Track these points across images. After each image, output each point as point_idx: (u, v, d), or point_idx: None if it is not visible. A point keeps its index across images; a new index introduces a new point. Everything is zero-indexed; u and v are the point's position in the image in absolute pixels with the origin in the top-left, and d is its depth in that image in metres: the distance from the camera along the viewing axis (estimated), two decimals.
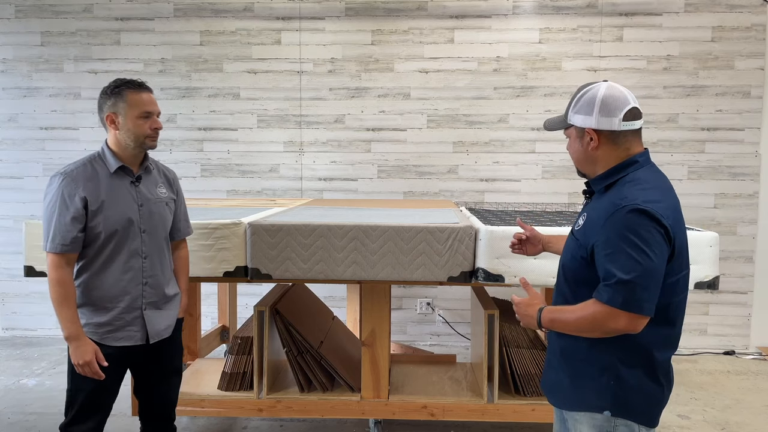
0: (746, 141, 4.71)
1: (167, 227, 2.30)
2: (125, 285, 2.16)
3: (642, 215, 1.50)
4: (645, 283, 1.49)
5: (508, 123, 4.80)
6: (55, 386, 2.43)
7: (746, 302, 4.80)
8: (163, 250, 2.28)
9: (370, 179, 4.90)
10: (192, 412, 2.99)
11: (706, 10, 4.65)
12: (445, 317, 4.90)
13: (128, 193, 2.17)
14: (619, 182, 1.61)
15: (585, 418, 1.65)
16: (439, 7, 4.76)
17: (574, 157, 1.72)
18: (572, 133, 1.69)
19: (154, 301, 2.24)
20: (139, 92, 2.14)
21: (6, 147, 5.01)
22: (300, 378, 2.96)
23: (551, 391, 1.78)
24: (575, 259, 1.64)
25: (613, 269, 1.50)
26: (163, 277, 2.27)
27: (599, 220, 1.57)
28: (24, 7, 4.91)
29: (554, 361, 1.75)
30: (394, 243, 2.63)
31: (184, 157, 4.95)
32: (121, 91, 2.12)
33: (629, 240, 1.49)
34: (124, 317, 2.17)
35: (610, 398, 1.61)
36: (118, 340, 2.17)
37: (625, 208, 1.51)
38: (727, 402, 3.74)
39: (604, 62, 4.72)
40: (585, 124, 1.64)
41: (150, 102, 2.16)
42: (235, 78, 4.89)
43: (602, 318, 1.52)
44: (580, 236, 1.64)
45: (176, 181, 2.41)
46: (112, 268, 2.14)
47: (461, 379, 3.25)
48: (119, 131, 2.14)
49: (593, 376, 1.62)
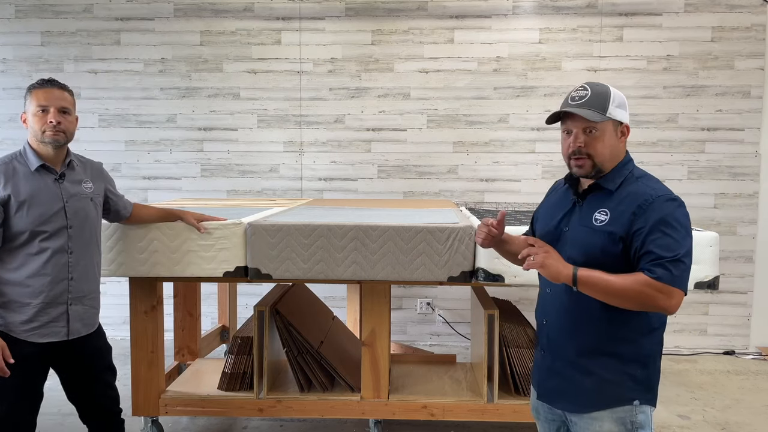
0: (746, 141, 4.71)
1: (93, 222, 2.31)
2: (50, 281, 2.16)
3: (676, 203, 1.62)
4: (688, 262, 1.58)
5: (508, 123, 4.80)
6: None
7: (746, 302, 4.80)
8: (89, 245, 2.29)
9: (370, 179, 4.90)
10: (192, 412, 2.99)
11: (706, 10, 4.65)
12: (445, 317, 4.90)
13: (53, 190, 2.18)
14: (629, 177, 1.70)
15: (607, 414, 1.68)
16: (439, 7, 4.76)
17: (605, 152, 1.68)
18: (608, 128, 1.68)
19: (80, 296, 2.24)
20: (41, 88, 2.16)
21: (6, 147, 5.01)
22: (300, 378, 2.96)
23: (560, 398, 1.77)
24: (607, 253, 1.65)
25: (662, 251, 1.56)
26: (87, 273, 2.28)
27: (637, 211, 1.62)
28: (24, 7, 4.91)
29: (563, 366, 1.75)
30: (394, 243, 2.63)
31: (184, 157, 4.95)
32: (30, 90, 2.17)
33: (672, 225, 1.58)
34: (50, 312, 2.17)
35: (639, 387, 1.68)
36: (43, 337, 2.17)
37: (661, 198, 1.62)
38: (727, 402, 3.74)
39: (604, 62, 4.72)
40: (626, 119, 1.71)
41: (48, 96, 2.15)
42: (235, 78, 4.89)
43: (652, 293, 1.55)
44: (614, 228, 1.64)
45: (103, 171, 2.45)
46: (34, 265, 2.14)
47: (461, 379, 3.25)
48: (28, 129, 2.19)
49: (621, 369, 1.67)
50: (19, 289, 2.13)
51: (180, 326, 3.61)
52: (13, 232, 2.11)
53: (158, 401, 2.94)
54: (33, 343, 2.16)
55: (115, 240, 2.69)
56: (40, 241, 2.14)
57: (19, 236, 2.12)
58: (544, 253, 1.66)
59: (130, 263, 2.70)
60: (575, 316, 1.70)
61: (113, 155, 4.94)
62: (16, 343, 2.12)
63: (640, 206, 1.62)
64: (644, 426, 1.67)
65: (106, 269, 2.66)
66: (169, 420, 3.32)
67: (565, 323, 1.74)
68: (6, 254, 2.13)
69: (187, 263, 2.70)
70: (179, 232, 2.69)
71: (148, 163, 4.95)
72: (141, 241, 2.68)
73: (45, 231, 2.14)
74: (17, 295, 2.13)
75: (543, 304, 1.84)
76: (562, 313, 1.74)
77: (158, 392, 2.94)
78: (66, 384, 2.36)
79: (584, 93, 1.69)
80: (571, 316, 1.71)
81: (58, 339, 2.20)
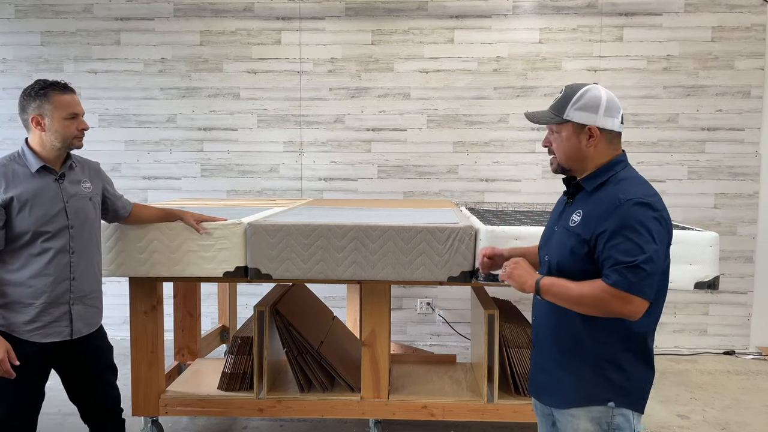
0: (746, 141, 4.70)
1: (93, 222, 2.33)
2: (52, 281, 2.17)
3: (646, 207, 1.59)
4: (650, 268, 1.56)
5: (508, 123, 4.80)
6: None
7: (746, 302, 4.80)
8: (90, 245, 2.30)
9: (370, 179, 4.90)
10: (192, 412, 2.99)
11: (706, 10, 4.65)
12: (445, 317, 4.90)
13: (53, 191, 2.20)
14: (612, 179, 1.70)
15: (583, 412, 1.71)
16: (439, 7, 4.76)
17: (565, 153, 1.75)
18: (567, 129, 1.73)
19: (81, 296, 2.26)
20: (65, 94, 2.19)
21: (6, 147, 5.01)
22: (300, 378, 2.96)
23: (544, 392, 1.84)
24: (575, 254, 1.68)
25: (621, 255, 1.56)
26: (89, 272, 2.29)
27: (603, 214, 1.63)
28: (24, 7, 4.91)
29: (547, 362, 1.81)
30: (394, 243, 2.63)
31: (184, 157, 4.95)
32: (47, 93, 2.17)
33: (636, 230, 1.57)
34: (52, 312, 2.18)
35: (614, 388, 1.68)
36: (46, 337, 2.18)
37: (630, 201, 1.60)
38: (727, 402, 3.74)
39: (604, 62, 4.72)
40: (588, 122, 1.70)
41: (76, 103, 2.21)
42: (235, 78, 4.88)
43: (608, 299, 1.57)
44: (581, 230, 1.67)
45: (100, 171, 2.46)
46: (36, 265, 2.15)
47: (461, 379, 3.25)
48: (45, 132, 2.19)
49: (596, 370, 1.69)
50: (22, 290, 2.14)
51: (180, 326, 3.61)
52: (15, 233, 2.12)
53: (158, 401, 2.94)
54: (35, 343, 2.17)
55: (114, 240, 2.69)
56: (42, 241, 2.15)
57: (22, 237, 2.12)
58: (513, 264, 1.77)
59: (130, 263, 2.70)
60: (556, 316, 1.75)
61: (113, 155, 4.94)
62: (18, 343, 2.12)
63: (607, 209, 1.62)
64: (622, 429, 1.68)
65: (106, 269, 2.66)
66: (169, 420, 3.32)
67: (548, 322, 1.80)
68: (8, 255, 2.14)
69: (187, 263, 2.70)
70: (179, 232, 2.69)
71: (148, 163, 4.95)
72: (141, 241, 2.68)
73: (47, 231, 2.15)
74: (20, 296, 2.13)
75: (534, 303, 1.90)
76: (546, 313, 1.80)
77: (158, 392, 2.94)
78: (67, 384, 2.37)
79: (558, 95, 1.76)
80: (553, 316, 1.77)
81: (60, 339, 2.21)
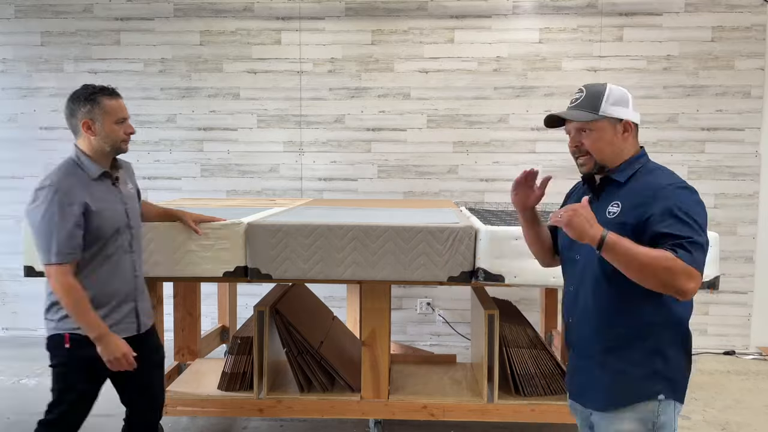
0: (746, 141, 4.70)
1: (140, 219, 2.44)
2: (121, 280, 2.25)
3: (689, 191, 1.64)
4: (706, 247, 1.59)
5: (508, 123, 4.80)
6: None
7: (746, 302, 4.80)
8: (141, 242, 2.41)
9: (370, 179, 4.90)
10: (192, 412, 2.99)
11: (706, 10, 4.65)
12: (445, 317, 4.90)
13: (114, 194, 2.27)
14: (642, 170, 1.72)
15: (627, 414, 1.68)
16: (439, 7, 4.76)
17: (603, 149, 1.72)
18: (602, 126, 1.72)
19: (142, 291, 2.36)
20: (114, 99, 2.24)
21: (6, 147, 5.01)
22: (300, 378, 2.96)
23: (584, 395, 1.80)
24: None
25: (680, 232, 1.56)
26: (143, 268, 2.41)
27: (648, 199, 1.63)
28: (24, 7, 4.91)
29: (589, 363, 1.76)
30: (394, 243, 2.63)
31: (184, 157, 4.95)
32: (96, 98, 2.19)
33: (686, 211, 1.59)
34: (122, 310, 2.26)
35: (662, 381, 1.67)
36: (120, 333, 2.22)
37: (672, 185, 1.63)
38: (727, 402, 3.74)
39: (604, 62, 4.72)
40: (623, 116, 1.72)
41: (123, 108, 2.28)
42: (235, 78, 4.88)
43: (677, 272, 1.52)
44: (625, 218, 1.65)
45: (132, 169, 2.55)
46: (109, 267, 2.22)
47: (461, 379, 3.25)
48: (96, 137, 2.21)
49: (643, 363, 1.67)
50: (98, 291, 2.19)
51: (180, 326, 3.61)
52: (92, 237, 2.17)
53: None
54: None
55: None
56: (113, 243, 2.22)
57: (97, 241, 2.18)
58: (572, 211, 1.58)
59: None
60: (597, 312, 1.72)
61: None
62: (89, 344, 2.14)
63: (653, 194, 1.63)
64: (665, 427, 1.66)
65: None
66: (169, 420, 3.31)
67: (589, 320, 1.75)
68: (85, 260, 2.18)
69: (187, 263, 2.70)
70: (179, 232, 2.69)
71: (148, 163, 4.95)
72: None
73: (117, 233, 2.23)
74: (94, 297, 2.17)
75: (567, 302, 1.85)
76: (586, 311, 1.75)
77: None
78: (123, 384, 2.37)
79: (579, 95, 1.75)
80: (594, 313, 1.73)
81: (130, 334, 2.27)
